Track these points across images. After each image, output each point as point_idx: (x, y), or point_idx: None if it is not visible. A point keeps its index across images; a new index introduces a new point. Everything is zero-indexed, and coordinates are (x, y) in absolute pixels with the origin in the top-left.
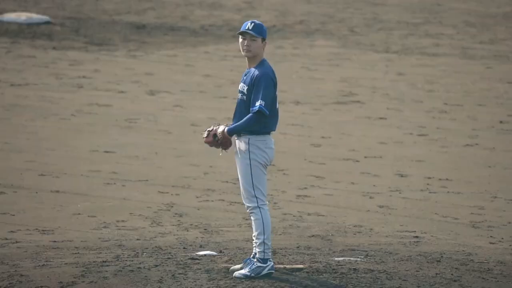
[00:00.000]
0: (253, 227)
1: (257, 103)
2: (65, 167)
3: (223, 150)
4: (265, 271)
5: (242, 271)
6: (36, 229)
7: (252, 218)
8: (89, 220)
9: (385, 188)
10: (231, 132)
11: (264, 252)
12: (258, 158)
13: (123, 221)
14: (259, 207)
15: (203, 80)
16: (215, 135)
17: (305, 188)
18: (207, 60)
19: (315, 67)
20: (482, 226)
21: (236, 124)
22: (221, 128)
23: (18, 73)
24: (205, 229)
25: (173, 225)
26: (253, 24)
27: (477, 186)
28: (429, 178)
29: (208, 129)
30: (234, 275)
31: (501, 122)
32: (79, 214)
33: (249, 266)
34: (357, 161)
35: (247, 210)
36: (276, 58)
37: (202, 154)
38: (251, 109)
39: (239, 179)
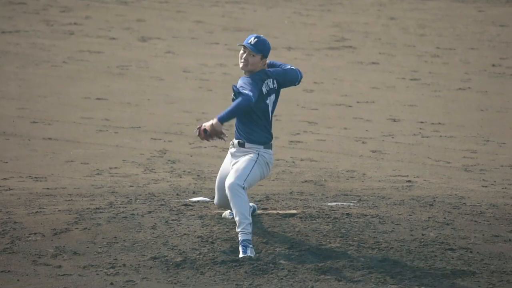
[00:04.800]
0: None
1: (246, 92)
2: (57, 114)
3: (223, 139)
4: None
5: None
6: (29, 176)
7: (232, 198)
8: (82, 167)
9: (377, 133)
10: (222, 119)
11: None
12: (263, 160)
13: (116, 168)
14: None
15: (195, 26)
16: (205, 130)
17: (298, 133)
18: (198, 6)
19: (306, 13)
20: (474, 170)
21: (224, 111)
22: (209, 123)
23: (9, 20)
24: (198, 176)
25: (166, 172)
26: (256, 39)
27: (470, 130)
28: (422, 122)
29: (197, 128)
30: (222, 216)
31: (493, 65)
32: (71, 161)
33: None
34: (349, 106)
35: (228, 188)
36: (268, 3)
37: (194, 101)
38: (236, 88)
39: (230, 173)
